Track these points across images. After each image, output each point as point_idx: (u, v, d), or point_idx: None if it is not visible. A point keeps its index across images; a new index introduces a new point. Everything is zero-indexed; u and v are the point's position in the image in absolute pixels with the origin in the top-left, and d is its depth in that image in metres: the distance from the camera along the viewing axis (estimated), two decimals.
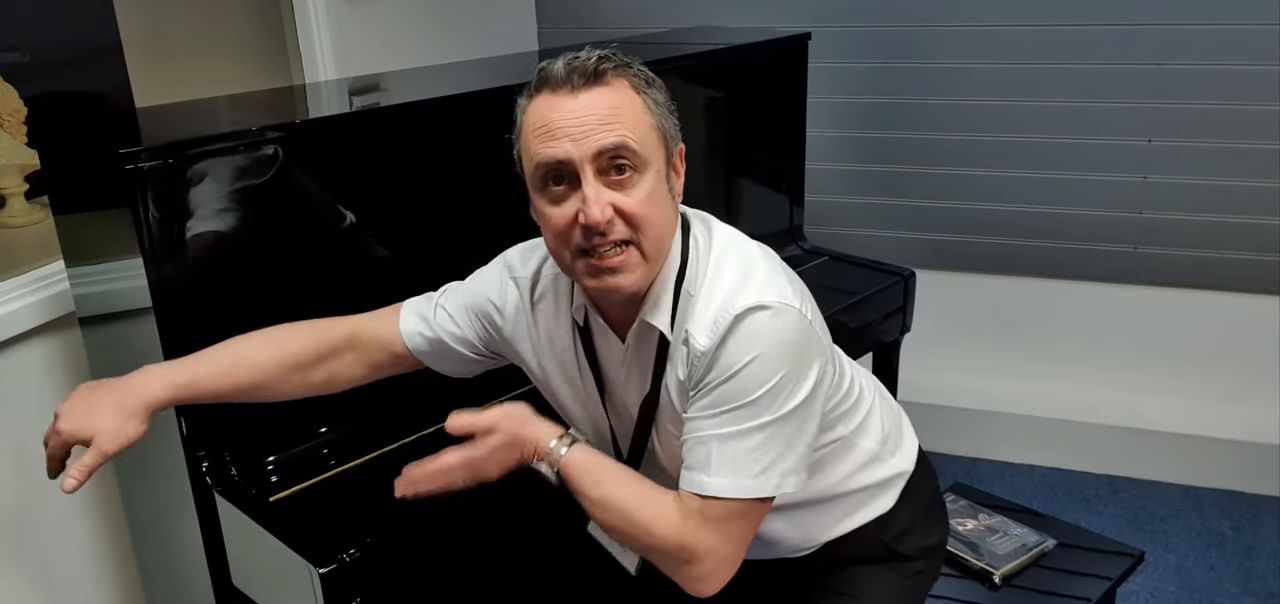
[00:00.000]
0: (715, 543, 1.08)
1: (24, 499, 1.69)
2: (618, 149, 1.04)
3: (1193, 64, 2.47)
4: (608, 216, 1.04)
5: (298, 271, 1.45)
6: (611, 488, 1.11)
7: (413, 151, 1.57)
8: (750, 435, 1.07)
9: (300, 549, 1.24)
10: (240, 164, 1.36)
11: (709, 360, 1.07)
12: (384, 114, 1.56)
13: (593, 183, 1.04)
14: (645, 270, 1.09)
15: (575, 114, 1.04)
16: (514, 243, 1.76)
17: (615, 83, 1.07)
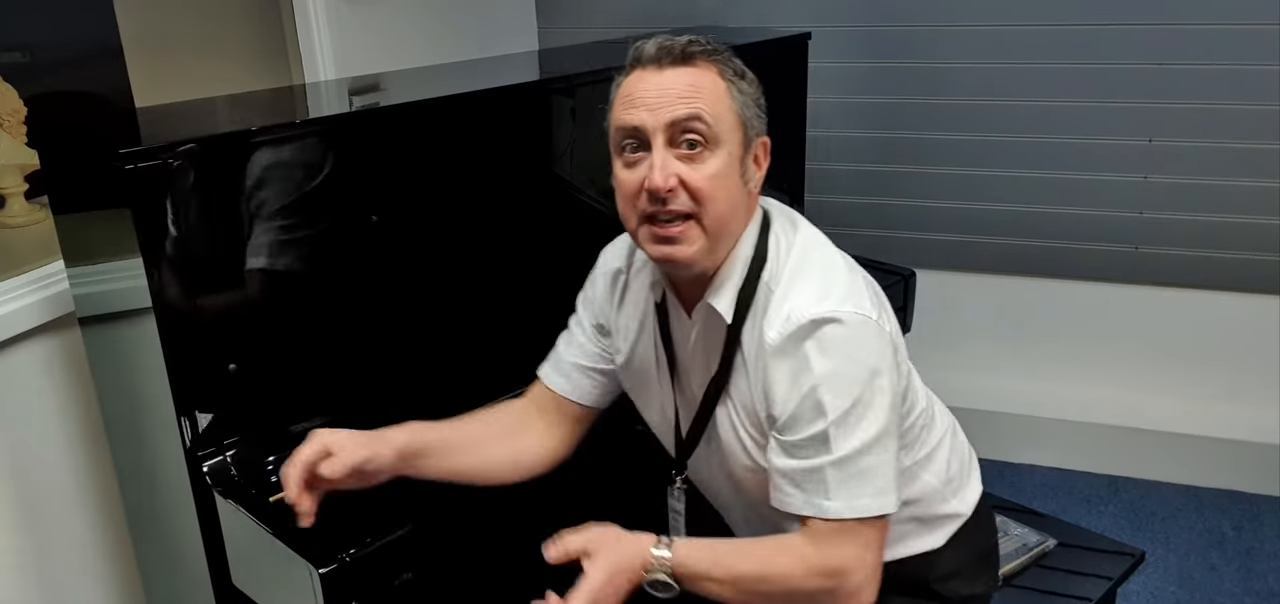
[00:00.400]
0: (855, 553, 1.08)
1: (24, 499, 1.69)
2: (689, 120, 1.08)
3: (1193, 64, 2.47)
4: (670, 184, 1.07)
5: (298, 272, 1.45)
6: (734, 561, 1.11)
7: (413, 152, 1.56)
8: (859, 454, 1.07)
9: (300, 549, 1.24)
10: (240, 164, 1.36)
11: (793, 373, 1.08)
12: (385, 114, 1.55)
13: (661, 150, 1.08)
14: (705, 246, 1.11)
15: (657, 87, 1.09)
16: (514, 243, 1.77)
17: (702, 66, 1.11)
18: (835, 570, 1.08)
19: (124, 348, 1.48)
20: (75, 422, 1.74)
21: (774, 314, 1.11)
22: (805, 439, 1.08)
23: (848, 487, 1.08)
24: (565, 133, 1.79)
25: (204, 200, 1.33)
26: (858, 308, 1.09)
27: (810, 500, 1.09)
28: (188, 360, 1.34)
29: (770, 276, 1.15)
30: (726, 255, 1.14)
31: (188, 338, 1.33)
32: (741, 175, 1.13)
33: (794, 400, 1.08)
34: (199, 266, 1.33)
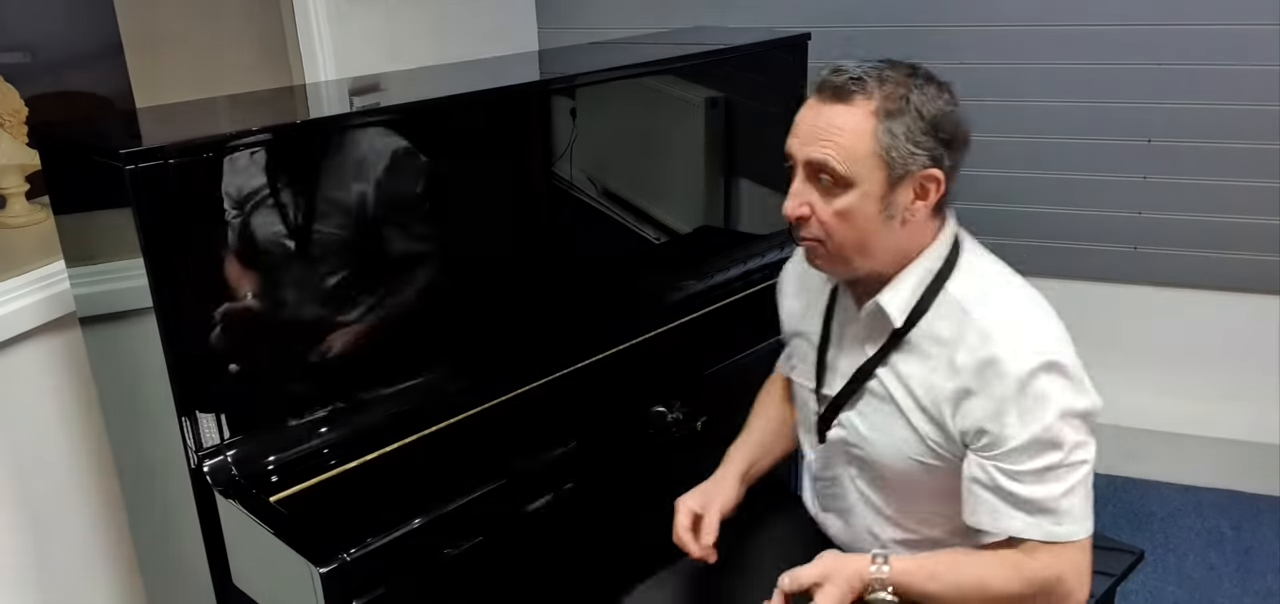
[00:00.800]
0: (1072, 563, 1.20)
1: (24, 499, 1.69)
2: (820, 165, 1.18)
3: (1193, 64, 2.47)
4: (797, 214, 1.21)
5: (298, 272, 1.45)
6: (954, 574, 1.20)
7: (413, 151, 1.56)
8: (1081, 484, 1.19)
9: (301, 549, 1.24)
10: (240, 164, 1.36)
11: (1026, 408, 1.14)
12: (385, 114, 1.55)
13: (799, 180, 1.21)
14: (834, 264, 1.23)
15: (811, 122, 1.20)
16: (513, 242, 1.77)
17: (857, 105, 1.16)
18: (1056, 580, 1.18)
19: (124, 348, 1.49)
20: (75, 422, 1.74)
21: (983, 335, 1.17)
22: (1035, 469, 1.16)
23: (1073, 512, 1.18)
24: (565, 132, 1.79)
25: (204, 200, 1.33)
26: (1072, 352, 1.18)
27: (1038, 524, 1.17)
28: (188, 360, 1.34)
29: (963, 292, 1.22)
30: (887, 264, 1.22)
31: (188, 338, 1.33)
32: (882, 211, 1.18)
33: (1026, 434, 1.15)
34: (199, 266, 1.33)
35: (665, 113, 1.99)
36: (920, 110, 1.17)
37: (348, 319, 1.51)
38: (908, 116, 1.16)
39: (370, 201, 1.51)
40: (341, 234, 1.49)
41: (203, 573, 1.43)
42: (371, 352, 1.55)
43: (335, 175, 1.47)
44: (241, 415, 1.40)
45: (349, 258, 1.50)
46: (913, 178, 1.18)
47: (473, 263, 1.67)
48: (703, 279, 2.04)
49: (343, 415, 1.49)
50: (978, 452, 1.19)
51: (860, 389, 1.29)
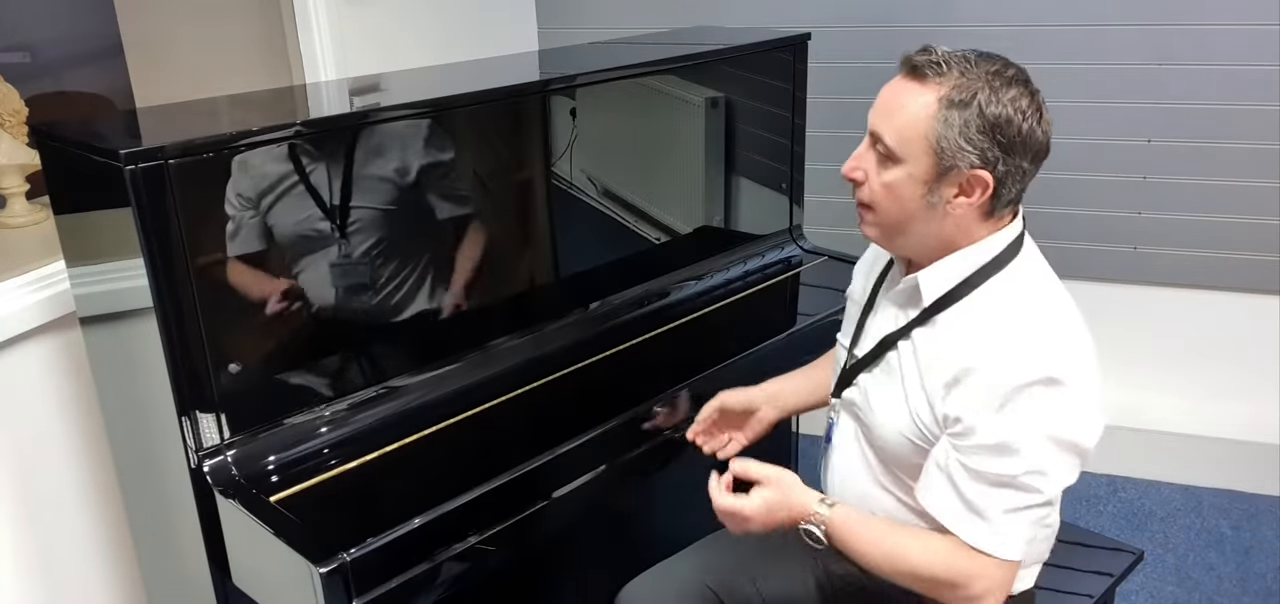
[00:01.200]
0: (990, 574, 1.19)
1: (24, 499, 1.69)
2: (877, 137, 1.21)
3: (1193, 64, 2.47)
4: (854, 175, 1.25)
5: (298, 271, 1.45)
6: (883, 537, 1.24)
7: (413, 151, 1.56)
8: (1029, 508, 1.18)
9: (301, 549, 1.24)
10: (240, 164, 1.36)
11: (1009, 415, 1.15)
12: (385, 114, 1.55)
13: (865, 145, 1.24)
14: (879, 234, 1.27)
15: (887, 93, 1.22)
16: (513, 243, 1.77)
17: (925, 85, 1.18)
18: (965, 580, 1.19)
19: (124, 348, 1.49)
20: (76, 422, 1.74)
21: (1000, 342, 1.18)
22: (988, 474, 1.17)
23: (1006, 532, 1.18)
24: (565, 132, 1.79)
25: (204, 200, 1.33)
26: (1080, 385, 1.17)
27: (969, 524, 1.19)
28: (188, 360, 1.34)
29: (998, 296, 1.22)
30: (927, 250, 1.25)
31: (188, 338, 1.33)
32: (925, 196, 1.20)
33: (993, 435, 1.16)
34: (199, 266, 1.33)
35: (665, 113, 1.99)
36: (984, 108, 1.16)
37: (348, 319, 1.51)
38: (969, 111, 1.16)
39: (371, 201, 1.51)
40: (341, 233, 1.49)
41: (203, 573, 1.43)
42: (371, 352, 1.55)
43: (335, 175, 1.47)
44: (241, 415, 1.40)
45: (349, 256, 1.50)
46: (959, 173, 1.18)
47: (474, 261, 1.67)
48: (702, 279, 2.04)
49: (343, 415, 1.49)
50: (948, 435, 1.20)
51: (881, 357, 1.32)
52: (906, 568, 1.21)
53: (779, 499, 1.26)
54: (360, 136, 1.50)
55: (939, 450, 1.22)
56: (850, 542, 1.24)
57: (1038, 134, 1.20)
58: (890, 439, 1.29)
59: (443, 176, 1.60)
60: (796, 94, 2.20)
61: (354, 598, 1.25)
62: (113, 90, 2.98)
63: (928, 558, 1.20)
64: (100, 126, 1.64)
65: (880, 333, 1.33)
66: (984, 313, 1.22)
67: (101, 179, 1.30)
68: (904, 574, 1.22)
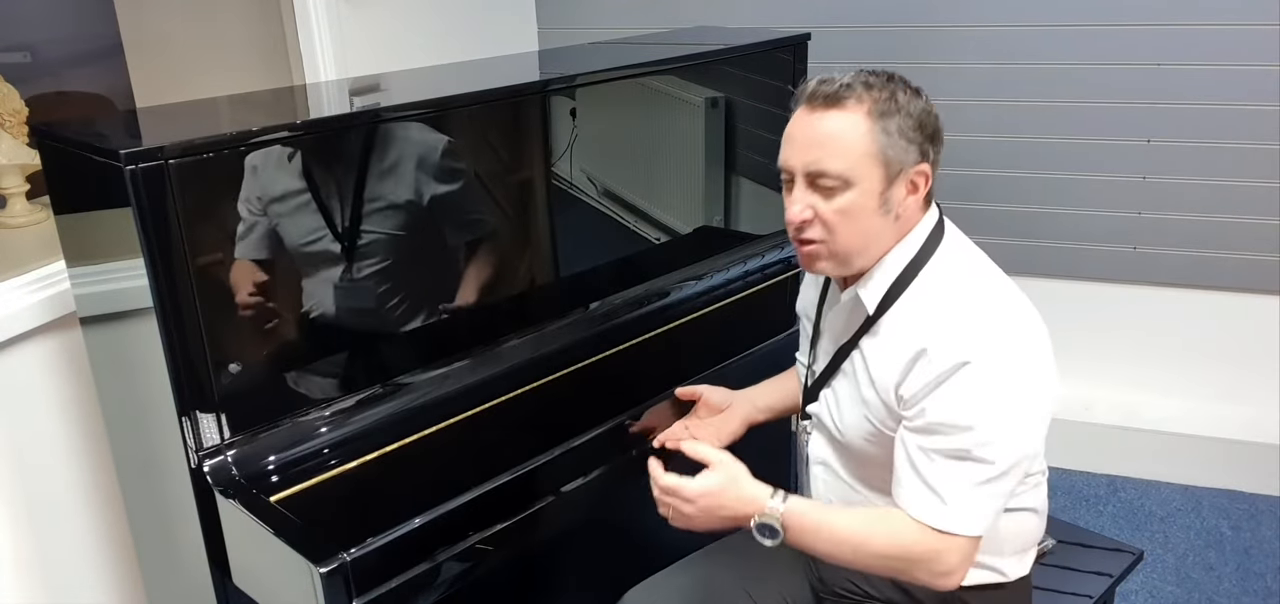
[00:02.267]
0: (953, 550, 1.21)
1: (24, 499, 1.69)
2: (819, 173, 1.22)
3: (1193, 64, 2.47)
4: (804, 219, 1.24)
5: (298, 271, 1.45)
6: (840, 524, 1.24)
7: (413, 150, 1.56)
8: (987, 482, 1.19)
9: (301, 549, 1.24)
10: (240, 164, 1.36)
11: (953, 390, 1.17)
12: (385, 114, 1.56)
13: (800, 188, 1.24)
14: (834, 264, 1.27)
15: (805, 131, 1.24)
16: (513, 243, 1.77)
17: (851, 109, 1.21)
18: (933, 556, 1.20)
19: (124, 348, 1.49)
20: (76, 421, 1.74)
21: (938, 323, 1.21)
22: (939, 450, 1.19)
23: (960, 506, 1.19)
24: (565, 132, 1.80)
25: (204, 200, 1.33)
26: (1023, 352, 1.20)
27: (926, 502, 1.20)
28: (188, 360, 1.34)
29: (931, 283, 1.25)
30: (877, 258, 1.27)
31: (188, 338, 1.33)
32: (880, 207, 1.23)
33: (939, 414, 1.18)
34: (199, 266, 1.33)
35: (665, 113, 1.99)
36: (907, 109, 1.22)
37: (348, 319, 1.51)
38: (899, 116, 1.22)
39: (371, 201, 1.51)
40: (342, 233, 1.49)
41: (203, 573, 1.43)
42: (371, 352, 1.55)
43: (335, 175, 1.47)
44: (241, 415, 1.40)
45: (349, 257, 1.50)
46: (906, 174, 1.23)
47: (475, 261, 1.67)
48: (702, 279, 2.04)
49: (343, 415, 1.49)
50: (904, 424, 1.23)
51: (837, 370, 1.35)
52: (872, 552, 1.22)
53: (725, 484, 1.24)
54: (362, 140, 1.50)
55: (897, 437, 1.24)
56: (810, 534, 1.23)
57: (939, 121, 1.27)
58: (856, 444, 1.32)
59: (453, 193, 1.60)
60: None
61: (354, 598, 1.25)
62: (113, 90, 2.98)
63: (893, 540, 1.21)
64: (100, 126, 1.65)
65: (832, 348, 1.36)
66: (923, 301, 1.25)
67: (102, 179, 1.30)
68: (870, 559, 1.23)
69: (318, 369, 1.49)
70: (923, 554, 1.20)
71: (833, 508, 1.31)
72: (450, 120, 1.61)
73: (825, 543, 1.23)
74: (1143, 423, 2.74)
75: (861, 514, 1.27)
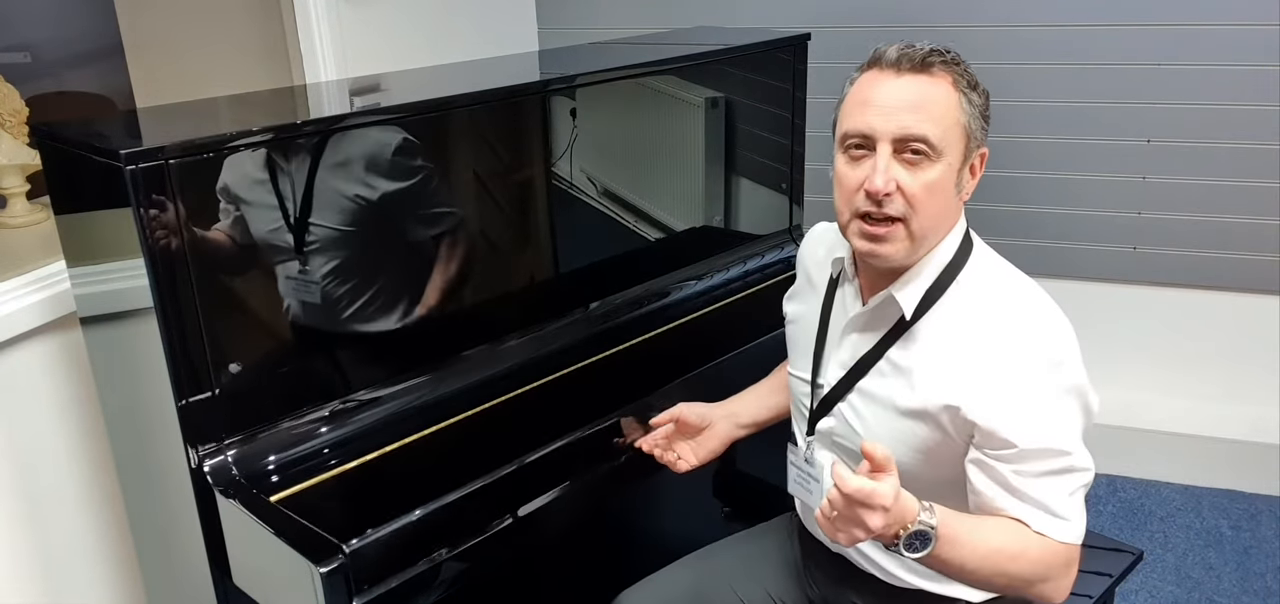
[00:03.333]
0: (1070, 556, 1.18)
1: (24, 499, 1.69)
2: (913, 136, 1.14)
3: (1193, 64, 2.47)
4: (890, 189, 1.15)
5: (298, 271, 1.45)
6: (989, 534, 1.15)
7: (413, 151, 1.57)
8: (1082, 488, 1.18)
9: (301, 549, 1.24)
10: (240, 164, 1.36)
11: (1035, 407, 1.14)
12: (385, 114, 1.56)
13: (886, 156, 1.15)
14: (908, 248, 1.18)
15: (894, 94, 1.16)
16: (513, 243, 1.77)
17: (938, 76, 1.16)
18: (1064, 567, 1.16)
19: (124, 348, 1.49)
20: (76, 421, 1.74)
21: (994, 332, 1.17)
22: (1043, 470, 1.15)
23: (1073, 516, 1.16)
24: (565, 132, 1.80)
25: (204, 200, 1.33)
26: (1079, 354, 1.18)
27: (1042, 520, 1.16)
28: (188, 360, 1.34)
29: (974, 288, 1.21)
30: (923, 255, 1.21)
31: (188, 338, 1.33)
32: (956, 185, 1.19)
33: (1035, 436, 1.14)
34: (199, 266, 1.33)
35: (665, 113, 1.99)
36: (981, 88, 1.20)
37: (348, 319, 1.51)
38: (977, 92, 1.19)
39: (370, 201, 1.51)
40: (342, 233, 1.49)
41: (203, 573, 1.43)
42: (372, 351, 1.55)
43: (335, 175, 1.47)
44: (241, 415, 1.40)
45: (349, 257, 1.50)
46: (975, 154, 1.20)
47: (473, 263, 1.67)
48: (702, 279, 2.04)
49: (342, 415, 1.49)
50: (983, 447, 1.16)
51: (853, 384, 1.27)
52: (1016, 570, 1.14)
53: (898, 487, 1.08)
54: (360, 137, 1.50)
55: (978, 462, 1.17)
56: (960, 545, 1.11)
57: None
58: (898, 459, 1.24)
59: (443, 177, 1.60)
60: (796, 94, 2.20)
61: (354, 597, 1.25)
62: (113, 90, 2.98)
63: (1041, 557, 1.15)
64: (100, 126, 1.64)
65: (850, 359, 1.28)
66: (966, 317, 1.19)
67: (102, 179, 1.30)
68: (1010, 576, 1.15)
69: (318, 369, 1.49)
70: (1059, 570, 1.16)
71: (977, 518, 1.17)
72: (450, 120, 1.61)
73: (970, 555, 1.12)
74: (1143, 423, 2.74)
75: (1005, 527, 1.16)
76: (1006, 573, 1.15)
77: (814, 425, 1.34)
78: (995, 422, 1.14)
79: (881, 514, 1.05)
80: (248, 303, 1.41)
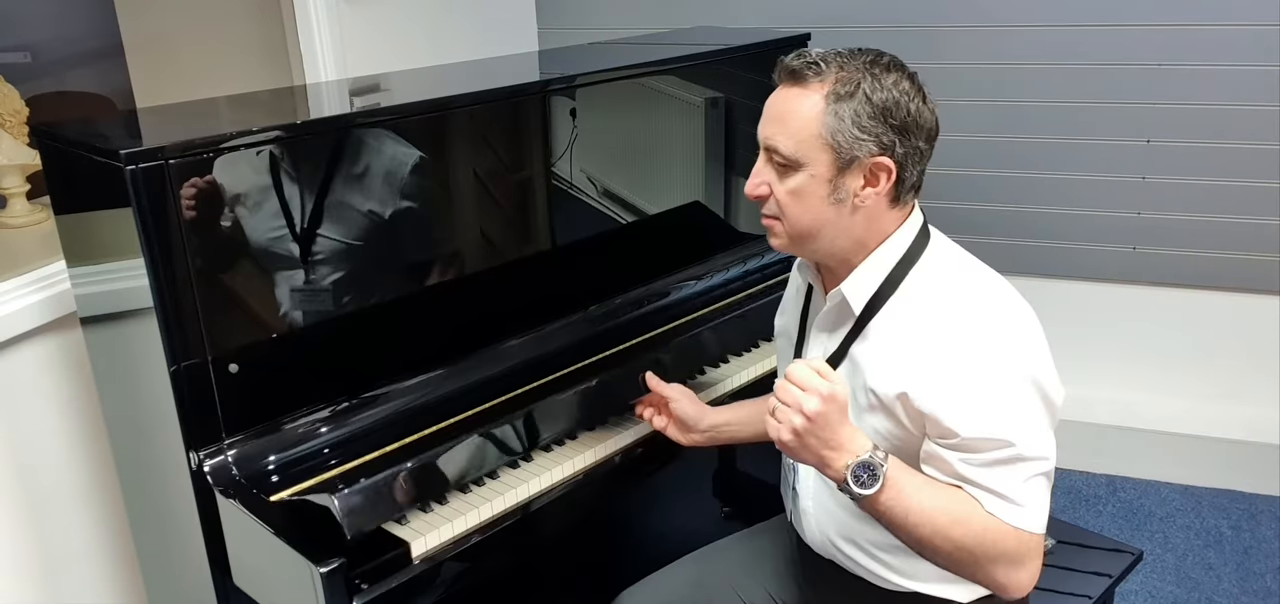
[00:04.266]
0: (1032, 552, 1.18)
1: (24, 499, 1.69)
2: (771, 148, 1.22)
3: (1193, 64, 2.47)
4: (758, 192, 1.24)
5: (298, 272, 1.45)
6: (939, 492, 1.16)
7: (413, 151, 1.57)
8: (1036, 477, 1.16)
9: (301, 549, 1.24)
10: (240, 164, 1.36)
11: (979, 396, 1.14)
12: (385, 114, 1.56)
13: (761, 161, 1.24)
14: (788, 243, 1.25)
15: (771, 105, 1.24)
16: (513, 243, 1.77)
17: (808, 87, 1.19)
18: (1026, 553, 1.16)
19: (124, 348, 1.49)
20: (76, 421, 1.74)
21: (942, 325, 1.17)
22: (992, 459, 1.14)
23: (1030, 504, 1.15)
24: (565, 132, 1.80)
25: (204, 200, 1.33)
26: (1033, 343, 1.17)
27: (996, 505, 1.15)
28: (188, 360, 1.34)
29: (923, 283, 1.22)
30: (858, 255, 1.24)
31: (188, 338, 1.33)
32: (830, 194, 1.20)
33: (981, 426, 1.14)
34: (200, 266, 1.33)
35: (665, 113, 1.99)
36: (870, 96, 1.17)
37: (348, 319, 1.51)
38: (855, 101, 1.17)
39: (371, 201, 1.51)
40: (342, 234, 1.49)
41: (203, 573, 1.43)
42: (372, 351, 1.55)
43: (335, 175, 1.47)
44: (241, 415, 1.40)
45: (349, 258, 1.50)
46: (861, 163, 1.18)
47: (473, 263, 1.67)
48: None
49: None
50: (933, 436, 1.17)
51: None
52: (959, 536, 1.14)
53: (844, 403, 1.12)
54: (360, 137, 1.50)
55: (931, 452, 1.18)
56: (908, 493, 1.13)
57: (925, 114, 1.21)
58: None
59: (444, 178, 1.60)
60: None
61: (354, 597, 1.25)
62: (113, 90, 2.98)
63: (985, 530, 1.14)
64: (100, 126, 1.65)
65: (820, 360, 1.28)
66: (919, 307, 1.20)
67: (102, 179, 1.31)
68: (954, 544, 1.14)
69: (318, 369, 1.49)
70: (1010, 551, 1.14)
71: (928, 480, 1.18)
72: (450, 120, 1.61)
73: (917, 510, 1.13)
74: (1143, 423, 2.74)
75: (956, 494, 1.16)
76: (951, 539, 1.13)
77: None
78: (939, 409, 1.15)
79: (818, 400, 1.09)
80: (248, 303, 1.41)
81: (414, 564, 1.31)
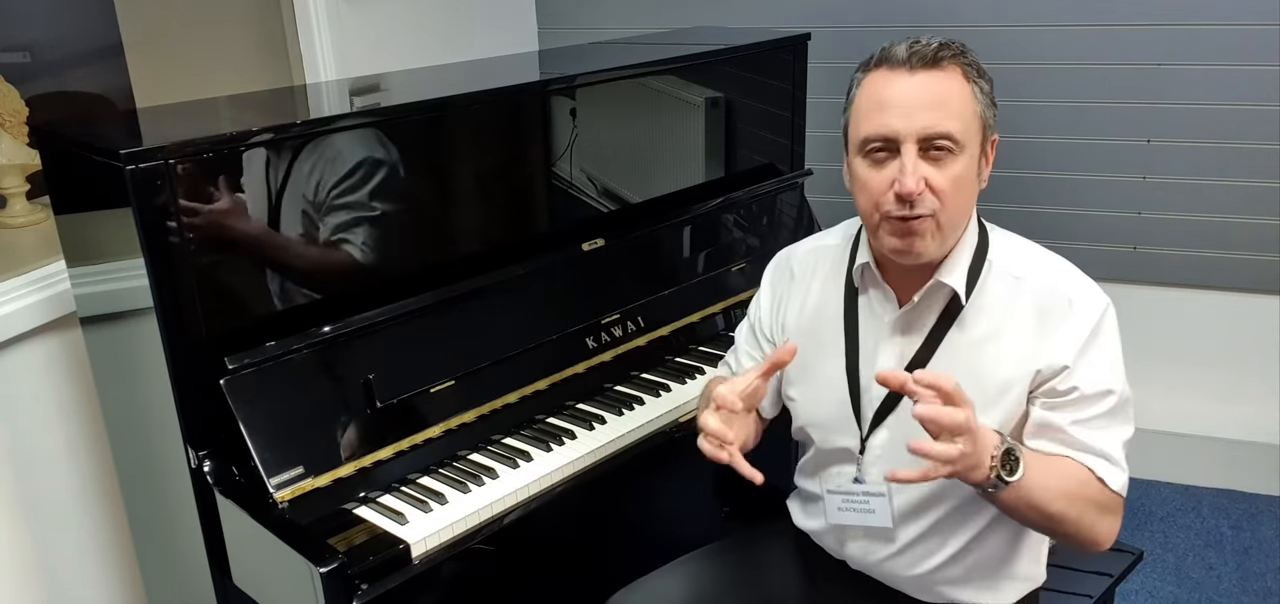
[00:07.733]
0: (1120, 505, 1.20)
1: (25, 498, 1.69)
2: (942, 135, 1.15)
3: (1193, 64, 2.47)
4: (920, 189, 1.15)
5: (299, 272, 1.45)
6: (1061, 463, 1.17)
7: (413, 152, 1.57)
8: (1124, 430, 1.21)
9: (301, 549, 1.24)
10: (240, 164, 1.36)
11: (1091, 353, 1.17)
12: (385, 114, 1.56)
13: (912, 157, 1.15)
14: (938, 242, 1.19)
15: (910, 93, 1.15)
16: (511, 243, 1.77)
17: (949, 70, 1.17)
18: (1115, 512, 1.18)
19: (124, 348, 1.49)
20: (76, 421, 1.74)
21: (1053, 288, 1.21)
22: (1101, 413, 1.17)
23: (1122, 463, 1.18)
24: (565, 132, 1.80)
25: (204, 200, 1.33)
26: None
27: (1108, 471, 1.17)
28: (188, 360, 1.34)
29: (1008, 258, 1.25)
30: (955, 243, 1.22)
31: (188, 338, 1.33)
32: (977, 175, 1.21)
33: (1097, 378, 1.17)
34: (200, 267, 1.33)
35: (665, 113, 1.99)
36: (986, 74, 1.21)
37: (348, 319, 1.51)
38: (984, 80, 1.20)
39: (371, 202, 1.51)
40: (342, 234, 1.49)
41: (203, 573, 1.43)
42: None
43: (335, 175, 1.47)
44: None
45: (349, 258, 1.50)
46: (988, 141, 1.22)
47: (473, 263, 1.67)
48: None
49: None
50: (1046, 399, 1.18)
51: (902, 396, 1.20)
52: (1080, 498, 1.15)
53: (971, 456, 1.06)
54: (359, 137, 1.50)
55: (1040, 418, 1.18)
56: (1042, 471, 1.12)
57: None
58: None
59: (444, 177, 1.60)
60: (796, 94, 2.21)
61: (354, 597, 1.25)
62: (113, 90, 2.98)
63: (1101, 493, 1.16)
64: (100, 126, 1.65)
65: (898, 364, 1.23)
66: (1017, 281, 1.22)
67: (102, 179, 1.30)
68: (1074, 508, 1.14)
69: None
70: (1109, 505, 1.16)
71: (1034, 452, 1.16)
72: (450, 120, 1.61)
73: (1040, 485, 1.11)
74: (1143, 423, 2.71)
75: (1065, 462, 1.17)
76: (1076, 505, 1.14)
77: (866, 443, 1.29)
78: (1074, 368, 1.17)
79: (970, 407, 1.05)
80: (248, 302, 1.41)
81: (414, 564, 1.31)
